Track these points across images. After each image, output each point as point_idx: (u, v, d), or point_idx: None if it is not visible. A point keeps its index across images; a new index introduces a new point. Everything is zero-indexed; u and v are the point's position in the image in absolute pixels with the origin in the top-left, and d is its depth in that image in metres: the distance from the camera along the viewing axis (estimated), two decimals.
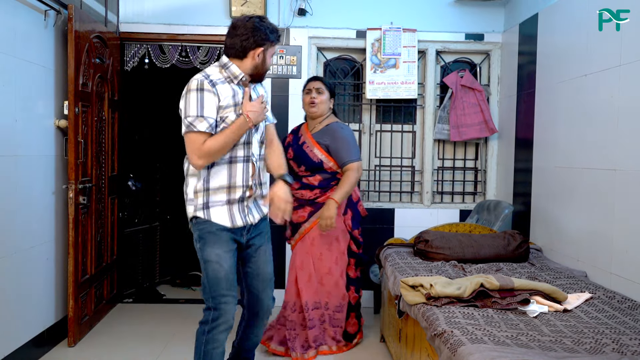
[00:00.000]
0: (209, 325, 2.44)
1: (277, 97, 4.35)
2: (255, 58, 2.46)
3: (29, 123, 3.14)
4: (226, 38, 2.48)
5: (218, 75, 2.42)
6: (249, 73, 2.48)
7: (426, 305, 2.35)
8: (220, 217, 2.44)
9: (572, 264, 3.16)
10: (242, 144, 2.46)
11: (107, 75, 3.98)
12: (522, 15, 4.01)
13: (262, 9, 4.25)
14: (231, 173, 2.45)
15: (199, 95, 2.34)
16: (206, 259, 2.44)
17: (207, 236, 2.44)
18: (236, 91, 2.44)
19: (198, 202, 2.45)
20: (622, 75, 2.73)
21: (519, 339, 1.96)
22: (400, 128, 4.58)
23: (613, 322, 2.19)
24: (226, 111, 2.39)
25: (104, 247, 3.97)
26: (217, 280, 2.43)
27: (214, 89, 2.36)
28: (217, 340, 2.44)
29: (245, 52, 2.44)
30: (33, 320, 3.21)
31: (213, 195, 2.44)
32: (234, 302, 2.47)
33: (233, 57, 2.46)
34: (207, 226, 2.44)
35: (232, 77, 2.44)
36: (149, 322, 4.01)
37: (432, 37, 4.41)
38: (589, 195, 3.02)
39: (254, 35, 2.42)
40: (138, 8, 4.30)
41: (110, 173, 4.09)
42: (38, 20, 3.20)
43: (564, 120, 3.32)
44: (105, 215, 4.00)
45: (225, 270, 2.43)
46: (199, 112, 2.32)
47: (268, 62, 2.52)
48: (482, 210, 4.19)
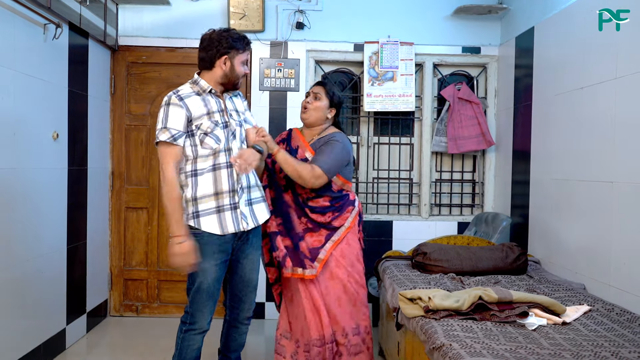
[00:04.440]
0: (186, 327, 2.67)
1: (275, 110, 4.37)
2: (222, 67, 2.62)
3: (28, 136, 3.14)
4: (198, 53, 2.68)
5: (188, 90, 2.62)
6: (220, 82, 2.65)
7: (425, 318, 2.34)
8: (210, 225, 2.57)
9: (571, 276, 3.15)
10: (224, 151, 2.61)
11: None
12: (518, 29, 4.04)
13: (260, 23, 4.28)
14: (216, 180, 2.59)
15: (166, 109, 2.54)
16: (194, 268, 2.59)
17: (199, 247, 2.56)
18: (209, 102, 2.61)
19: (189, 212, 2.58)
20: (618, 88, 2.75)
21: (517, 352, 1.95)
22: (398, 140, 4.60)
23: (612, 335, 2.18)
24: (199, 120, 2.56)
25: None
26: (199, 291, 2.61)
27: (182, 102, 2.54)
28: (191, 339, 2.67)
29: (212, 63, 2.63)
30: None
31: (202, 204, 2.57)
32: (211, 312, 2.68)
33: (204, 70, 2.66)
34: (199, 237, 2.57)
35: (201, 90, 2.62)
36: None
37: (429, 50, 4.44)
38: (587, 207, 3.02)
39: (218, 45, 2.61)
40: (137, 21, 4.33)
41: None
42: (37, 33, 3.22)
43: (561, 133, 3.34)
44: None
45: (209, 283, 2.61)
46: (163, 124, 2.52)
47: (237, 69, 2.66)
48: (480, 222, 4.20)
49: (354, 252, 3.00)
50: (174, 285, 4.43)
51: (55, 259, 3.49)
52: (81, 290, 3.88)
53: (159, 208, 4.43)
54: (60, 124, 3.51)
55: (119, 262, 4.44)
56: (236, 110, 2.75)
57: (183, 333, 2.68)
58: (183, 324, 2.69)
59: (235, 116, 2.72)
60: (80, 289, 3.87)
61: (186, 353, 2.69)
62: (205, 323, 2.67)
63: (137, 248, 4.46)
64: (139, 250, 4.46)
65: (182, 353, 2.69)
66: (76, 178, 3.75)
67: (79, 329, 3.85)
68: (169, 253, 2.53)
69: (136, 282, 4.46)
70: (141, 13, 4.33)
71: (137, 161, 4.44)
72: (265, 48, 4.38)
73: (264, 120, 4.36)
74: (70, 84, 3.63)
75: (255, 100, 4.38)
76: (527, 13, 3.91)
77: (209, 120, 2.58)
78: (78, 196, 3.79)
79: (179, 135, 2.52)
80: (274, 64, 4.37)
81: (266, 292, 4.34)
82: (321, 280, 2.91)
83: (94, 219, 4.04)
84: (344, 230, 2.96)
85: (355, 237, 3.03)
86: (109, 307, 4.44)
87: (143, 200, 4.44)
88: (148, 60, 4.40)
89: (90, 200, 3.98)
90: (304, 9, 4.34)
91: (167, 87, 4.36)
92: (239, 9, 4.28)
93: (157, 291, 4.46)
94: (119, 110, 4.41)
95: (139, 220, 4.45)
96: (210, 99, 2.63)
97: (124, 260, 4.45)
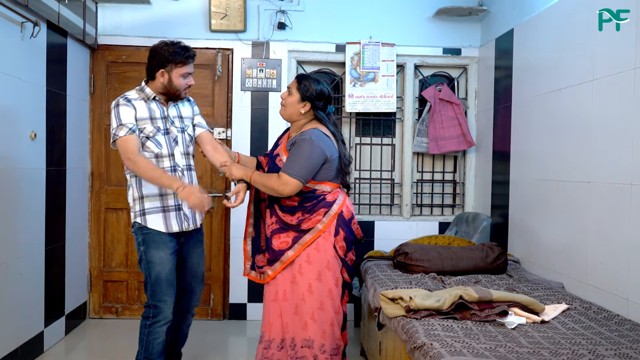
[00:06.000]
0: (150, 320, 2.77)
1: (256, 110, 4.36)
2: (161, 79, 2.76)
3: (5, 136, 3.09)
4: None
5: (134, 95, 2.79)
6: (160, 92, 2.80)
7: (406, 317, 2.35)
8: (156, 223, 2.76)
9: (549, 275, 3.19)
10: (168, 156, 2.79)
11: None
12: (498, 31, 4.08)
13: (242, 23, 4.26)
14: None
15: (117, 110, 2.71)
16: (149, 260, 2.75)
17: (150, 240, 2.75)
18: (152, 109, 2.78)
19: (136, 209, 2.78)
20: (595, 89, 2.80)
21: (497, 350, 1.97)
22: (380, 141, 4.61)
23: (589, 333, 2.22)
24: (142, 123, 2.73)
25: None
26: (159, 281, 2.75)
27: (129, 103, 2.73)
28: (157, 332, 2.77)
29: (152, 74, 2.79)
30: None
31: (148, 202, 2.76)
32: (172, 300, 2.80)
33: (149, 79, 2.82)
34: (148, 231, 2.75)
35: (146, 97, 2.79)
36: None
37: (410, 52, 4.46)
38: (565, 207, 3.06)
39: (156, 59, 2.76)
40: (117, 20, 4.29)
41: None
42: (15, 32, 3.17)
43: (539, 133, 3.38)
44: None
45: (166, 272, 2.76)
46: (118, 122, 2.69)
47: (176, 82, 2.78)
48: (461, 222, 4.23)
49: (325, 258, 2.75)
50: None
51: (33, 261, 3.43)
52: (60, 292, 3.83)
53: None
54: (38, 123, 3.46)
55: (98, 264, 4.39)
56: (180, 117, 2.89)
57: (148, 327, 2.76)
58: (146, 319, 2.78)
59: (178, 123, 2.87)
60: (59, 291, 3.82)
61: (152, 347, 2.77)
62: (169, 312, 2.78)
63: (117, 249, 4.41)
64: (118, 251, 4.41)
65: (148, 348, 2.77)
66: (55, 178, 3.69)
67: (58, 332, 3.80)
68: (184, 200, 2.70)
69: (116, 283, 4.41)
70: (121, 12, 4.29)
71: (117, 162, 4.38)
72: (247, 48, 4.36)
73: (245, 120, 4.35)
74: (49, 83, 3.58)
75: (237, 101, 4.36)
76: (506, 15, 3.95)
77: (151, 125, 2.75)
78: (57, 197, 3.74)
79: (135, 127, 2.70)
80: (255, 64, 4.35)
81: (248, 293, 4.34)
82: (280, 284, 2.80)
83: (73, 220, 3.99)
84: (315, 234, 2.75)
85: (329, 243, 2.76)
86: (88, 309, 4.39)
87: (123, 201, 4.38)
88: (128, 59, 4.35)
89: (69, 201, 3.93)
90: (286, 10, 4.33)
91: None
92: (221, 8, 4.25)
93: (137, 293, 4.41)
94: (98, 110, 4.36)
95: (118, 221, 4.40)
96: (154, 105, 2.80)
97: (103, 262, 4.40)
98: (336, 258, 2.80)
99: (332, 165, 2.79)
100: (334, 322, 2.77)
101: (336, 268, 2.80)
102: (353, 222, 2.88)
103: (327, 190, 2.82)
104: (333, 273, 2.78)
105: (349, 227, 2.84)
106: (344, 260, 2.83)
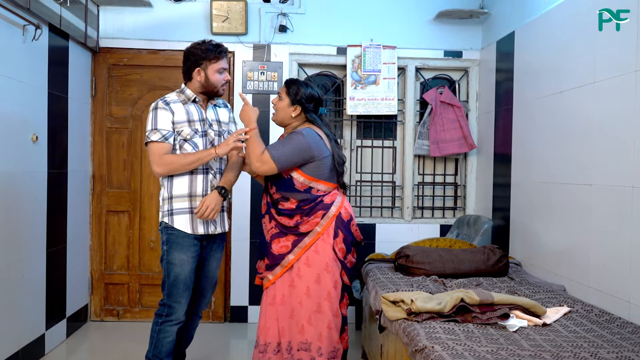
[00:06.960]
0: (163, 319, 2.82)
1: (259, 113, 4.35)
2: (198, 77, 2.83)
3: (7, 138, 3.09)
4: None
5: (174, 97, 2.85)
6: (199, 92, 2.86)
7: (407, 320, 2.35)
8: (182, 224, 2.80)
9: (551, 278, 3.19)
10: None
11: None
12: (499, 33, 4.09)
13: (243, 25, 4.27)
14: (192, 183, 2.82)
15: (154, 113, 2.77)
16: (170, 261, 2.80)
17: (174, 241, 2.80)
18: (191, 111, 2.83)
19: (165, 209, 2.83)
20: (596, 92, 2.79)
21: (499, 353, 1.97)
22: (381, 144, 4.62)
23: (591, 336, 2.21)
24: (180, 126, 2.79)
25: None
26: (177, 283, 2.80)
27: (168, 106, 2.78)
28: (168, 331, 2.82)
29: (189, 74, 2.85)
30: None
31: (176, 203, 2.81)
32: (187, 302, 2.85)
33: (186, 81, 2.88)
34: (173, 232, 2.80)
35: (187, 98, 2.84)
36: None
37: (411, 54, 4.46)
38: (567, 209, 3.06)
39: (190, 59, 2.83)
40: (118, 23, 4.30)
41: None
42: (16, 34, 3.17)
43: (541, 136, 3.38)
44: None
45: (185, 275, 2.81)
46: (153, 126, 2.75)
47: (212, 78, 2.84)
48: (462, 225, 4.23)
49: (324, 261, 2.76)
50: (156, 290, 4.38)
51: (35, 263, 3.43)
52: (61, 295, 3.83)
53: (140, 211, 4.39)
54: (39, 126, 3.46)
55: (99, 266, 4.39)
56: (218, 121, 2.95)
57: (159, 325, 2.82)
58: (159, 316, 2.83)
59: (216, 126, 2.92)
60: (60, 294, 3.82)
61: (162, 345, 2.81)
62: (182, 314, 2.84)
63: (118, 252, 4.41)
64: (120, 254, 4.41)
65: (158, 345, 2.82)
66: (56, 181, 3.70)
67: (59, 334, 3.80)
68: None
69: (117, 286, 4.41)
70: (122, 15, 4.30)
71: (119, 164, 4.39)
72: (248, 51, 4.37)
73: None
74: (50, 86, 3.58)
75: (238, 103, 4.36)
76: (507, 18, 3.96)
77: (189, 128, 2.80)
78: (58, 199, 3.74)
79: (169, 134, 2.77)
80: (256, 66, 4.36)
81: (249, 295, 4.34)
82: (278, 288, 2.81)
83: (74, 223, 3.99)
84: (314, 237, 2.77)
85: (328, 246, 2.77)
86: (89, 311, 4.39)
87: (124, 204, 4.40)
88: (129, 62, 4.36)
89: (71, 204, 3.93)
90: (287, 12, 4.34)
91: (149, 90, 4.33)
92: (222, 11, 4.26)
93: (138, 295, 4.41)
94: (99, 113, 4.37)
95: (120, 224, 4.40)
96: (193, 108, 2.85)
97: (104, 264, 4.40)
98: (335, 260, 2.80)
99: (323, 163, 2.80)
100: (331, 325, 2.76)
101: (335, 271, 2.80)
102: (352, 224, 2.88)
103: (322, 189, 2.82)
104: (332, 276, 2.78)
105: (348, 229, 2.84)
106: (344, 263, 2.84)
